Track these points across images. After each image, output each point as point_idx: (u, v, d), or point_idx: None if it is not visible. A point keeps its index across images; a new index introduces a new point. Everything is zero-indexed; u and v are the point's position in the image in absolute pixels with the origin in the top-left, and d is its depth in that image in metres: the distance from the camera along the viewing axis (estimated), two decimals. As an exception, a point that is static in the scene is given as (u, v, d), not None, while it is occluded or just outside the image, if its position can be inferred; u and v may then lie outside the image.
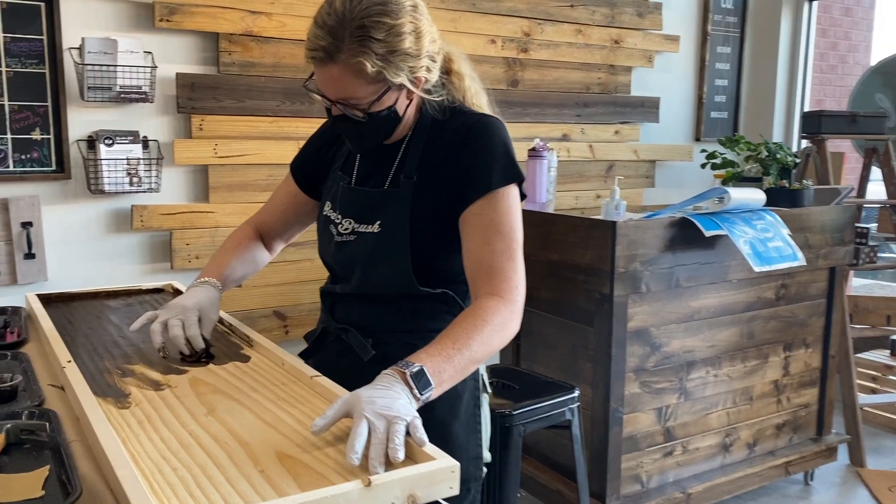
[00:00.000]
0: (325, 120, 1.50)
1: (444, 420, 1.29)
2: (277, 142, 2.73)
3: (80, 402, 1.03)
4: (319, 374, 1.17)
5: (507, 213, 1.25)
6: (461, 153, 1.28)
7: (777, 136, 4.17)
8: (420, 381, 1.03)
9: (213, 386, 1.18)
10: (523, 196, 1.30)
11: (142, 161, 2.47)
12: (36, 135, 2.39)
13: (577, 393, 1.99)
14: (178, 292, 1.79)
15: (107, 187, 2.41)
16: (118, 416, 1.05)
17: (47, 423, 0.99)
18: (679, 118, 3.98)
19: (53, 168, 2.42)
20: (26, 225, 2.38)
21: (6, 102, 2.34)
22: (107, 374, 1.22)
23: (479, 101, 1.39)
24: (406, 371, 1.03)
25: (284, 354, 1.29)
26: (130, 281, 2.53)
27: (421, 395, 1.03)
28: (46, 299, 1.69)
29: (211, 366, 1.28)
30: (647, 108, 3.78)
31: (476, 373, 1.39)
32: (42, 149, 2.40)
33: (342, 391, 1.11)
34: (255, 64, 2.67)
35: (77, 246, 2.47)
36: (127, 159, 2.44)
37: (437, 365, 1.07)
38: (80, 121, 2.43)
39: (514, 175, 1.28)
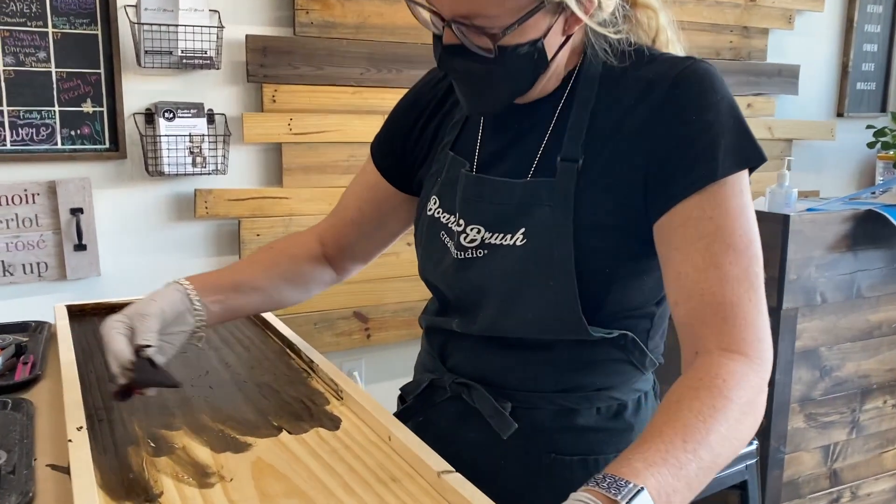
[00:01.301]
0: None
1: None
2: (360, 116, 2.34)
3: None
4: (451, 468, 0.74)
5: (740, 216, 0.78)
6: (661, 120, 0.81)
7: (937, 111, 3.54)
8: None
9: (287, 480, 0.76)
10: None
11: (206, 138, 2.12)
12: (87, 107, 2.06)
13: (755, 445, 1.52)
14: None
15: (167, 168, 2.08)
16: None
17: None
18: (819, 90, 3.40)
19: (106, 146, 2.09)
20: (76, 212, 2.07)
21: (53, 69, 2.01)
22: (133, 449, 0.82)
23: (675, 50, 0.94)
24: (619, 498, 0.60)
25: (390, 421, 0.86)
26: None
27: None
28: (79, 311, 1.32)
29: (284, 436, 0.87)
30: (785, 78, 3.22)
31: None
32: (94, 123, 2.07)
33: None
34: (337, 24, 2.27)
35: (133, 236, 2.15)
36: (190, 136, 2.10)
37: (664, 481, 0.62)
38: (137, 91, 2.09)
39: (751, 155, 0.80)
